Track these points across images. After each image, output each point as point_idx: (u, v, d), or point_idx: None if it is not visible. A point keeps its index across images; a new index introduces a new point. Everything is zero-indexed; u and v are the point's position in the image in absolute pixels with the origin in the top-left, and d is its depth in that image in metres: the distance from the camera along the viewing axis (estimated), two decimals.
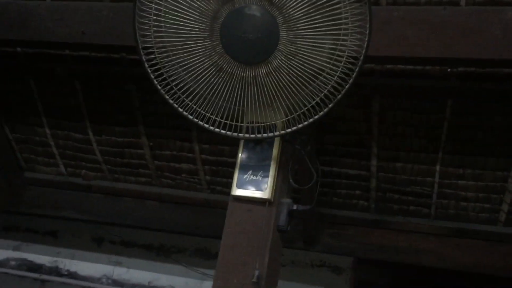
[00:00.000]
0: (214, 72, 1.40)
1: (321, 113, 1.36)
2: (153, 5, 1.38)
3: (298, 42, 1.29)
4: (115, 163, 2.91)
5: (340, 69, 1.29)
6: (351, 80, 1.29)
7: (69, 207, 3.02)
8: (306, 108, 1.37)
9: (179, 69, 1.44)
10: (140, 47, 1.46)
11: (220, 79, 1.40)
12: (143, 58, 1.45)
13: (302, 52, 1.30)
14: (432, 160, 2.34)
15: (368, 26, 1.22)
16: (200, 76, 1.41)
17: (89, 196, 3.01)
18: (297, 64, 1.32)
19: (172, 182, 2.89)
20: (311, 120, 1.38)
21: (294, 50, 1.31)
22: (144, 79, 1.50)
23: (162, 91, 1.47)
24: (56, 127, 2.87)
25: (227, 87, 1.41)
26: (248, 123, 1.50)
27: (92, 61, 2.51)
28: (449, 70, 2.00)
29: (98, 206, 2.99)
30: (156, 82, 1.47)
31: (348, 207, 2.67)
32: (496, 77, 2.00)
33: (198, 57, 1.39)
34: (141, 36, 1.45)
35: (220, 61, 1.38)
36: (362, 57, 1.26)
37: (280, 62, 1.33)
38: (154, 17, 1.41)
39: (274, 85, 1.36)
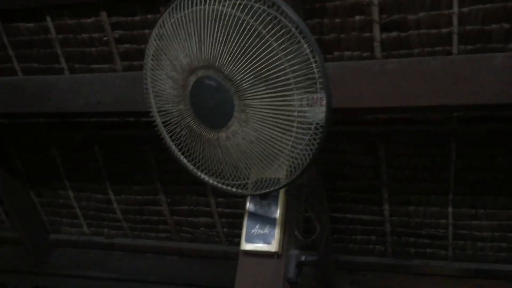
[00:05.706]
0: (188, 133, 1.55)
1: (295, 175, 1.44)
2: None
3: (248, 111, 1.39)
4: (135, 221, 3.00)
5: (292, 139, 1.37)
6: (311, 156, 1.37)
7: (92, 266, 3.11)
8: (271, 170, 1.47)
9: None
10: (156, 110, 1.62)
11: (193, 140, 1.56)
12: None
13: (252, 121, 1.40)
14: (443, 202, 2.36)
15: (326, 95, 1.29)
16: (180, 135, 1.58)
17: (111, 254, 3.10)
18: (250, 131, 1.41)
19: (191, 236, 2.96)
20: (292, 177, 1.45)
21: (245, 118, 1.40)
22: (157, 139, 1.64)
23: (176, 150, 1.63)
24: (78, 189, 2.99)
25: (198, 147, 1.56)
26: (253, 179, 1.58)
27: (109, 126, 2.65)
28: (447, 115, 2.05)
29: (120, 263, 3.08)
30: (171, 143, 1.63)
31: (365, 252, 2.67)
32: (494, 118, 2.04)
33: (176, 118, 1.56)
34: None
35: (191, 123, 1.53)
36: (322, 131, 1.33)
37: (235, 128, 1.43)
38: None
39: (234, 149, 1.47)
